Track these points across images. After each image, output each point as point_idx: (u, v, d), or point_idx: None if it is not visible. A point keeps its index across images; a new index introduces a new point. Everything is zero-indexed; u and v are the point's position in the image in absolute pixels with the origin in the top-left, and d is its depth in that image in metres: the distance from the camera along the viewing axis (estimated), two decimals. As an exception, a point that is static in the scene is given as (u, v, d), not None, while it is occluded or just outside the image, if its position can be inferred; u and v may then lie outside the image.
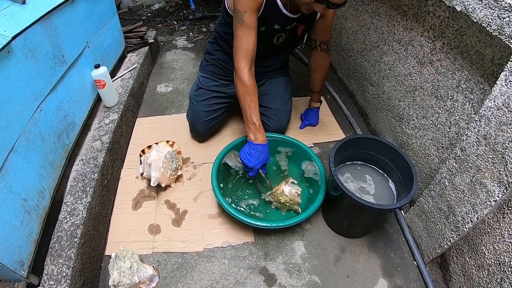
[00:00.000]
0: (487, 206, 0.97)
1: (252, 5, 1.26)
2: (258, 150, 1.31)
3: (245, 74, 1.31)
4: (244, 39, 1.29)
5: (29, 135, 1.16)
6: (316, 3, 1.20)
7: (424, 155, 1.42)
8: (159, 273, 1.28)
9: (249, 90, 1.32)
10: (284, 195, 1.34)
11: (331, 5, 1.20)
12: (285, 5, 1.34)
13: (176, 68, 2.56)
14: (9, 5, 1.20)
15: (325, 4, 1.19)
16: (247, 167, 1.33)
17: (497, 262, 1.00)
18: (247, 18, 1.26)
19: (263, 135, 1.34)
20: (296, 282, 1.27)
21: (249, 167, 1.31)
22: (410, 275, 1.30)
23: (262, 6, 1.31)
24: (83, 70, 1.62)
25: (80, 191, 1.34)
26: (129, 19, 3.30)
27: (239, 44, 1.30)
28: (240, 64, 1.31)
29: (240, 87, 1.32)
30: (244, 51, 1.30)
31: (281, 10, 1.35)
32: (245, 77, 1.31)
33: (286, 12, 1.36)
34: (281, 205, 1.41)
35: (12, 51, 1.08)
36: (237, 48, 1.31)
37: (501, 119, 0.89)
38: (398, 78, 1.58)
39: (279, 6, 1.34)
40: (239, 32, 1.29)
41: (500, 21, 0.88)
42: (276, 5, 1.33)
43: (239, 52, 1.30)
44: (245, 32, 1.28)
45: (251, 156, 1.31)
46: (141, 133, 1.92)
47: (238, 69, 1.31)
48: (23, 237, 1.06)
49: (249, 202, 1.48)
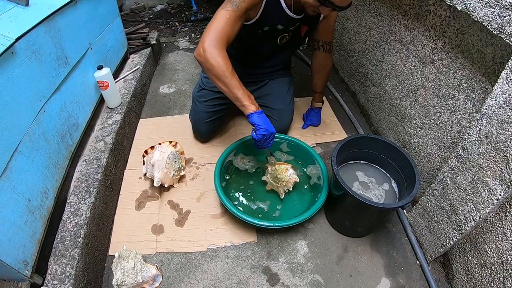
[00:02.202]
0: (489, 204, 0.97)
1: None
2: (264, 115, 1.27)
3: (224, 53, 1.19)
4: (230, 26, 1.20)
5: (33, 136, 1.17)
6: (322, 6, 1.20)
7: (426, 154, 1.42)
8: (162, 272, 1.29)
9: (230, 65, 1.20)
10: (285, 174, 1.38)
11: (337, 8, 1.20)
12: (289, 6, 1.34)
13: (179, 69, 2.57)
14: (12, 7, 1.21)
15: (331, 7, 1.20)
16: (271, 135, 1.27)
17: (500, 260, 1.00)
18: (242, 7, 1.19)
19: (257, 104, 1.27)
20: (299, 281, 1.27)
21: (270, 132, 1.25)
22: (413, 274, 1.30)
23: (262, 4, 1.30)
24: (86, 71, 1.63)
25: (84, 192, 1.35)
26: (131, 21, 3.31)
27: (222, 27, 1.18)
28: (220, 44, 1.18)
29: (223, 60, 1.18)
30: (225, 35, 1.19)
31: (285, 11, 1.35)
32: (225, 54, 1.19)
33: (290, 13, 1.36)
34: (275, 180, 1.44)
35: (16, 52, 1.09)
36: (218, 29, 1.18)
37: (503, 118, 0.89)
38: (400, 77, 1.58)
39: (282, 6, 1.34)
40: (227, 14, 1.18)
41: (500, 20, 0.88)
42: (280, 5, 1.33)
43: (221, 34, 1.18)
44: (234, 19, 1.20)
45: (267, 122, 1.26)
46: (144, 134, 1.93)
47: (216, 47, 1.17)
48: (27, 237, 1.07)
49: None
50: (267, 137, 1.27)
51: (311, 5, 1.24)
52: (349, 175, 1.43)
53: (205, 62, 1.19)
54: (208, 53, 1.17)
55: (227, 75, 1.19)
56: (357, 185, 1.40)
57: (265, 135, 1.25)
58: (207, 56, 1.17)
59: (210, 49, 1.17)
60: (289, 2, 1.33)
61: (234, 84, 1.21)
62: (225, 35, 1.19)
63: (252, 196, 1.51)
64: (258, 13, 1.33)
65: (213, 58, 1.17)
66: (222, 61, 1.18)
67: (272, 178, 1.45)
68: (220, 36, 1.18)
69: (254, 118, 1.23)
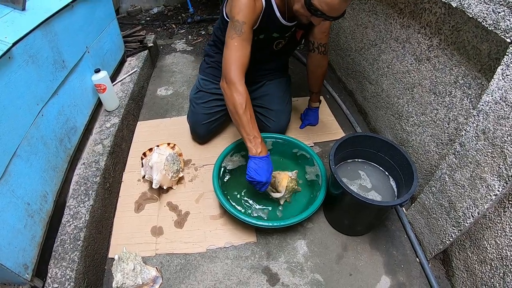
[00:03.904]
0: (487, 200, 0.97)
1: (252, 17, 1.25)
2: (265, 162, 1.25)
3: (242, 86, 1.25)
4: (240, 51, 1.25)
5: (31, 139, 1.17)
6: (313, 16, 1.19)
7: (424, 152, 1.43)
8: (162, 274, 1.29)
9: (248, 101, 1.26)
10: (284, 185, 1.37)
11: (329, 18, 1.18)
12: (282, 13, 1.35)
13: (176, 71, 2.57)
14: (9, 11, 1.21)
15: (323, 18, 1.18)
16: (259, 184, 1.26)
17: (499, 256, 1.01)
18: (245, 30, 1.24)
19: (264, 147, 1.27)
20: (299, 280, 1.27)
21: (263, 182, 1.25)
22: (413, 271, 1.30)
23: (259, 17, 1.31)
24: (84, 74, 1.63)
25: (83, 195, 1.35)
26: (128, 24, 3.32)
27: (235, 55, 1.25)
28: (236, 76, 1.24)
29: (239, 98, 1.24)
30: (240, 63, 1.25)
31: (279, 20, 1.36)
32: (242, 89, 1.25)
33: (284, 21, 1.37)
34: (273, 189, 1.44)
35: (13, 57, 1.10)
36: (232, 59, 1.25)
37: (499, 113, 0.89)
38: (397, 75, 1.58)
39: (276, 15, 1.34)
40: (235, 42, 1.24)
41: (495, 16, 0.88)
42: (274, 14, 1.34)
43: (234, 63, 1.25)
44: (242, 44, 1.25)
45: (261, 170, 1.24)
46: (142, 136, 1.93)
47: (234, 81, 1.24)
48: (27, 241, 1.07)
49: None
50: (254, 184, 1.27)
51: (303, 14, 1.22)
52: (347, 174, 1.44)
53: (226, 95, 1.28)
54: (231, 85, 1.25)
55: (239, 113, 1.24)
56: (355, 183, 1.40)
57: (251, 182, 1.27)
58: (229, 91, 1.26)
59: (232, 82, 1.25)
60: (282, 9, 1.33)
61: (241, 123, 1.25)
62: (240, 63, 1.25)
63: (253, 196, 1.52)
64: (256, 24, 1.34)
65: (233, 94, 1.25)
66: (239, 96, 1.24)
67: (272, 188, 1.44)
68: (237, 66, 1.25)
69: (249, 162, 1.26)
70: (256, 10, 1.26)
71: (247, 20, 1.23)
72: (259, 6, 1.28)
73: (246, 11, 1.22)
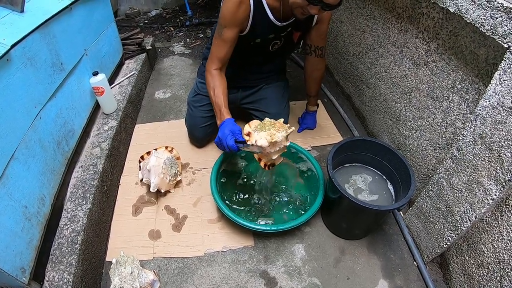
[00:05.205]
0: (484, 204, 0.98)
1: (233, 22, 1.33)
2: (223, 125, 1.33)
3: (215, 72, 1.42)
4: (219, 48, 1.40)
5: (29, 142, 1.16)
6: (310, 5, 1.18)
7: (421, 156, 1.43)
8: (160, 278, 1.28)
9: (216, 83, 1.40)
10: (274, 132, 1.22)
11: (326, 6, 1.17)
12: (277, 12, 1.36)
13: (174, 74, 2.57)
14: (7, 13, 1.21)
15: (319, 6, 1.17)
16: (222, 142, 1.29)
17: (497, 260, 1.01)
18: (225, 33, 1.35)
19: (227, 114, 1.37)
20: (296, 284, 1.27)
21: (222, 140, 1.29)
22: (411, 275, 1.30)
23: (249, 19, 1.35)
24: (82, 77, 1.63)
25: (80, 198, 1.34)
26: (126, 26, 3.31)
27: (214, 51, 1.41)
28: (211, 66, 1.42)
29: (209, 80, 1.42)
30: (215, 58, 1.41)
31: (272, 21, 1.37)
32: (215, 74, 1.42)
33: (277, 22, 1.38)
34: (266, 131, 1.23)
35: (12, 59, 1.09)
36: (212, 53, 1.42)
37: (496, 118, 0.90)
38: (394, 80, 1.59)
39: (269, 16, 1.36)
40: (216, 41, 1.40)
41: (493, 21, 0.89)
42: (266, 15, 1.35)
43: (213, 57, 1.42)
44: (221, 44, 1.38)
45: (221, 130, 1.32)
46: (140, 139, 1.93)
47: (208, 70, 1.44)
48: (24, 244, 1.06)
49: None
50: (218, 143, 1.35)
51: (299, 5, 1.22)
52: (345, 178, 1.44)
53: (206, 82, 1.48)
54: (207, 72, 1.45)
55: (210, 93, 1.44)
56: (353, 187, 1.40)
57: (217, 142, 1.36)
58: (206, 78, 1.47)
59: (209, 70, 1.44)
60: (276, 7, 1.34)
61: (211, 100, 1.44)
62: (217, 58, 1.41)
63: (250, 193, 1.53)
64: (247, 28, 1.38)
65: (207, 78, 1.45)
66: (209, 79, 1.44)
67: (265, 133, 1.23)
68: (215, 59, 1.42)
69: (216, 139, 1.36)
70: (240, 15, 1.32)
71: (227, 23, 1.33)
72: (244, 11, 1.32)
73: (227, 16, 1.32)
